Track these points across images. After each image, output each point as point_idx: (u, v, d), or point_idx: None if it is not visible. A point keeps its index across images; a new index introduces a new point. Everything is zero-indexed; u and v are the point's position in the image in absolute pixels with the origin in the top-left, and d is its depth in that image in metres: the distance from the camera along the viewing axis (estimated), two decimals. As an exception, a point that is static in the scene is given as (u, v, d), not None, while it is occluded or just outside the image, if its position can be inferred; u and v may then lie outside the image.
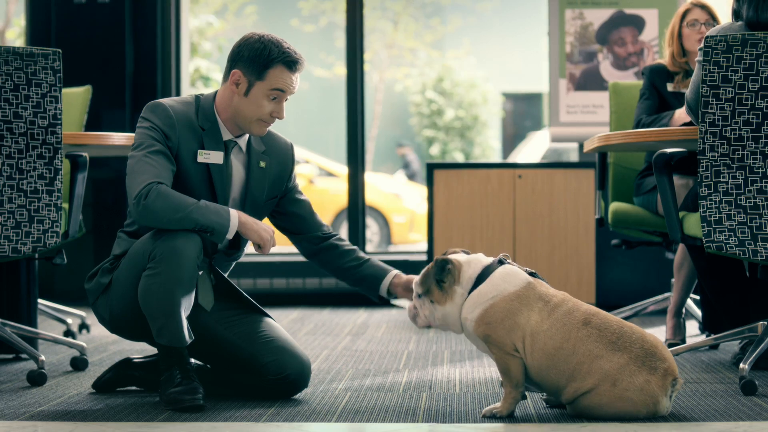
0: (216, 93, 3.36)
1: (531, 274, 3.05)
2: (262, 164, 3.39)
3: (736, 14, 3.70)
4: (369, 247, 11.63)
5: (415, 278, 3.19)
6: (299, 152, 13.17)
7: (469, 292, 3.02)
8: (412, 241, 12.44)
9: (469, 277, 3.03)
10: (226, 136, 3.33)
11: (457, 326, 3.05)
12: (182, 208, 3.10)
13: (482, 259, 3.06)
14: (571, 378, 2.91)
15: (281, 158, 3.45)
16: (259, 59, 3.24)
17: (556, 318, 2.94)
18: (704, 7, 4.53)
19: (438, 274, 3.04)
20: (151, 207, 3.09)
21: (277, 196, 3.44)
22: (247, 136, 3.39)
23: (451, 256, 3.07)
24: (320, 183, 12.51)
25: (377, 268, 3.44)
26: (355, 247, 3.51)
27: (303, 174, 12.46)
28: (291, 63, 3.26)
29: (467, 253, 3.12)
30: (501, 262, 3.05)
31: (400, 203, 12.69)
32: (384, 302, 3.50)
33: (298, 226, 3.51)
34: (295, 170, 3.53)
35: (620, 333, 2.92)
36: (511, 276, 3.01)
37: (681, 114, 4.40)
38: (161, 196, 3.10)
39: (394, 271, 3.43)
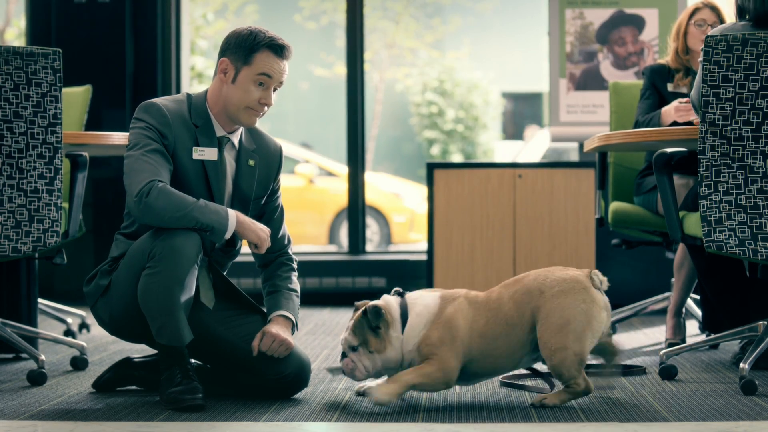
0: (207, 90, 3.37)
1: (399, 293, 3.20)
2: (251, 162, 3.39)
3: (741, 11, 3.69)
4: (369, 247, 11.65)
5: (344, 335, 3.20)
6: (299, 152, 13.17)
7: (402, 332, 3.10)
8: (413, 241, 12.44)
9: (396, 319, 3.11)
10: (219, 132, 3.34)
11: (395, 368, 3.12)
12: (183, 206, 3.11)
13: (390, 298, 3.15)
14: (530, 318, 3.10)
15: (269, 159, 3.45)
16: (246, 44, 3.26)
17: (479, 307, 3.13)
18: (714, 9, 4.52)
19: (375, 320, 3.08)
20: (152, 205, 3.09)
21: (263, 197, 3.44)
22: (239, 132, 3.39)
23: (375, 302, 3.12)
24: (320, 183, 12.51)
25: (271, 304, 3.42)
26: (289, 273, 3.49)
27: (303, 173, 12.45)
28: (277, 47, 3.27)
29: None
30: (401, 295, 3.16)
31: (400, 203, 12.68)
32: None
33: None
34: (281, 175, 3.51)
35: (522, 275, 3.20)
36: (422, 301, 3.13)
37: (668, 110, 4.41)
38: (162, 194, 3.10)
39: (275, 315, 3.37)
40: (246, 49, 3.26)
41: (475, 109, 17.56)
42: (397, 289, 3.20)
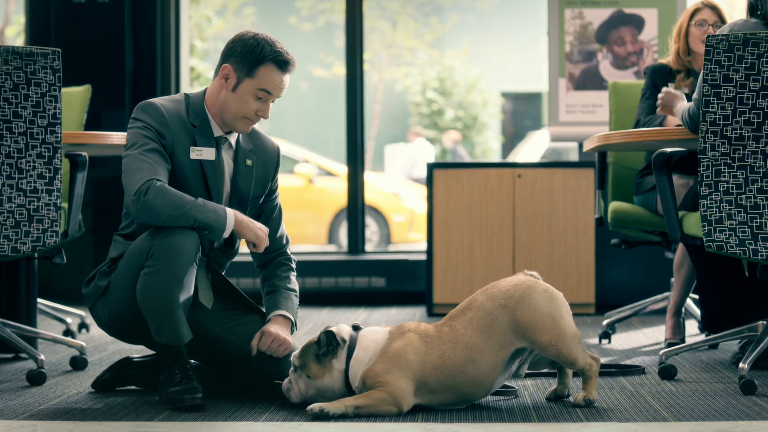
0: (206, 90, 3.37)
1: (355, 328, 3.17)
2: (249, 162, 3.39)
3: (753, 8, 3.68)
4: (369, 247, 11.66)
5: (288, 342, 3.26)
6: (298, 151, 13.17)
7: (347, 363, 3.07)
8: (412, 241, 12.44)
9: (342, 349, 3.09)
10: (217, 132, 3.34)
11: (336, 395, 3.09)
12: (181, 205, 3.11)
13: (344, 330, 3.12)
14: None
15: (266, 159, 3.45)
16: (251, 56, 3.25)
17: (431, 341, 3.08)
18: (714, 8, 4.52)
19: (326, 346, 3.06)
20: (150, 203, 3.09)
21: (261, 197, 3.44)
22: (236, 132, 3.39)
23: (331, 329, 3.10)
24: (319, 182, 12.50)
25: (270, 304, 3.41)
26: (287, 273, 3.48)
27: (302, 173, 12.45)
28: (282, 63, 3.27)
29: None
30: (357, 328, 3.14)
31: (400, 203, 12.67)
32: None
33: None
34: (279, 174, 3.52)
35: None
36: (372, 334, 3.10)
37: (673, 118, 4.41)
38: (161, 193, 3.10)
39: (274, 315, 3.37)
40: (251, 61, 3.25)
41: (474, 107, 17.56)
42: (355, 323, 3.18)
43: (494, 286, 3.13)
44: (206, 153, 3.30)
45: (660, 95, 4.26)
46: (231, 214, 3.18)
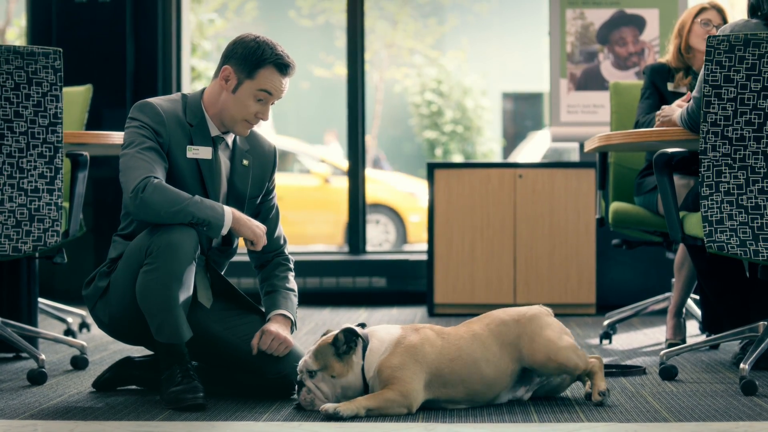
0: (203, 90, 3.37)
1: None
2: (245, 162, 3.40)
3: (753, 9, 3.67)
4: (386, 246, 11.74)
5: (299, 351, 3.29)
6: (307, 149, 13.16)
7: (362, 357, 3.08)
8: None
9: (358, 344, 3.10)
10: (214, 131, 3.35)
11: (357, 391, 3.09)
12: (179, 201, 3.12)
13: (353, 327, 3.15)
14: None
15: (263, 159, 3.46)
16: (252, 58, 3.26)
17: (448, 337, 3.15)
18: (719, 11, 4.51)
19: (350, 342, 3.06)
20: (148, 200, 3.10)
21: (258, 196, 3.44)
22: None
23: (348, 326, 3.12)
24: (336, 182, 12.47)
25: (269, 303, 3.41)
26: (286, 273, 3.48)
27: (318, 173, 12.45)
28: (282, 66, 3.28)
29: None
30: (363, 326, 3.17)
31: (416, 202, 12.62)
32: None
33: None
34: (275, 174, 3.52)
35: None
36: (384, 328, 3.15)
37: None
38: (158, 190, 3.11)
39: (273, 314, 3.37)
40: (252, 63, 3.26)
41: (469, 111, 17.57)
42: (361, 322, 3.20)
43: (508, 309, 3.27)
44: (203, 152, 3.31)
45: (657, 116, 4.16)
46: (228, 211, 3.19)
